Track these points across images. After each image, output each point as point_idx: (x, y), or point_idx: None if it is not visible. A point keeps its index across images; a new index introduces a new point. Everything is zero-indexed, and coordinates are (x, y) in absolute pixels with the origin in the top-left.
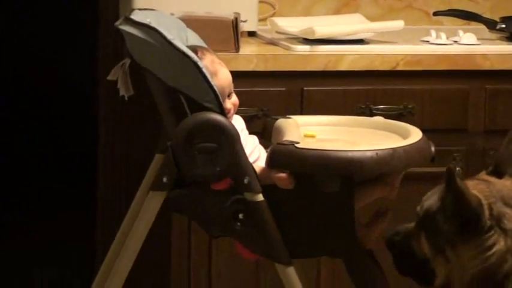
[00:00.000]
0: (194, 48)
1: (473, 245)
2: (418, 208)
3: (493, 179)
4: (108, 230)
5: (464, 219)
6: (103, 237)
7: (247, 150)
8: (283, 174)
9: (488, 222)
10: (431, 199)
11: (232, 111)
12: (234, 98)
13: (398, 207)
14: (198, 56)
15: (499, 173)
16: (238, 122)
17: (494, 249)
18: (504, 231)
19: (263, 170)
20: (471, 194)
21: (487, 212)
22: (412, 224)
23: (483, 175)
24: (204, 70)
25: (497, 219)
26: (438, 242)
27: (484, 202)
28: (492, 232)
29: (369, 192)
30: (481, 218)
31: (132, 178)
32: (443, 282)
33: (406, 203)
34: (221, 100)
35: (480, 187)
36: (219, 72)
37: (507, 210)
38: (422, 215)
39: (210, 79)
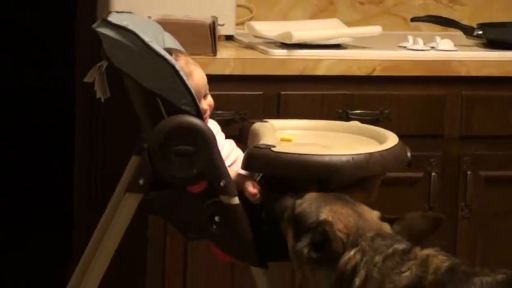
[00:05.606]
0: (168, 50)
1: (330, 268)
2: (298, 203)
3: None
4: (85, 230)
5: (324, 255)
6: (79, 238)
7: (223, 153)
8: (254, 190)
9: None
10: (305, 207)
11: (208, 112)
12: (210, 99)
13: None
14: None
15: None
16: (212, 125)
17: (349, 266)
18: (359, 247)
19: (236, 176)
20: (335, 239)
21: (344, 247)
22: (292, 201)
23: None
24: (181, 73)
25: (353, 243)
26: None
27: (344, 237)
28: (347, 253)
29: None
30: (337, 254)
31: (109, 178)
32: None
33: (381, 208)
34: (198, 102)
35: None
36: (194, 73)
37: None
38: (296, 216)
39: (187, 81)
